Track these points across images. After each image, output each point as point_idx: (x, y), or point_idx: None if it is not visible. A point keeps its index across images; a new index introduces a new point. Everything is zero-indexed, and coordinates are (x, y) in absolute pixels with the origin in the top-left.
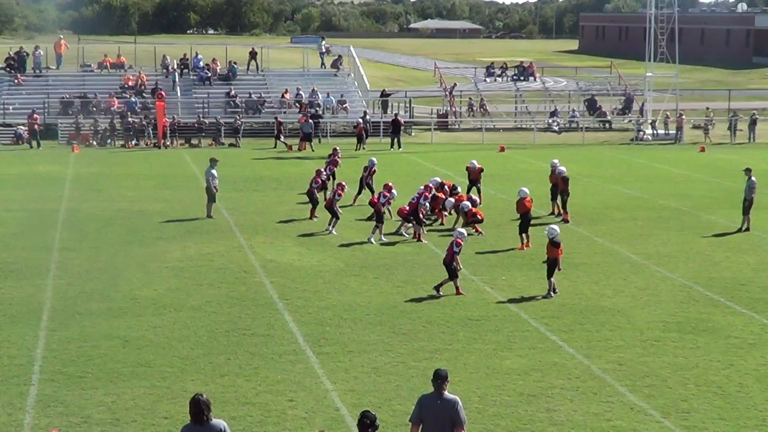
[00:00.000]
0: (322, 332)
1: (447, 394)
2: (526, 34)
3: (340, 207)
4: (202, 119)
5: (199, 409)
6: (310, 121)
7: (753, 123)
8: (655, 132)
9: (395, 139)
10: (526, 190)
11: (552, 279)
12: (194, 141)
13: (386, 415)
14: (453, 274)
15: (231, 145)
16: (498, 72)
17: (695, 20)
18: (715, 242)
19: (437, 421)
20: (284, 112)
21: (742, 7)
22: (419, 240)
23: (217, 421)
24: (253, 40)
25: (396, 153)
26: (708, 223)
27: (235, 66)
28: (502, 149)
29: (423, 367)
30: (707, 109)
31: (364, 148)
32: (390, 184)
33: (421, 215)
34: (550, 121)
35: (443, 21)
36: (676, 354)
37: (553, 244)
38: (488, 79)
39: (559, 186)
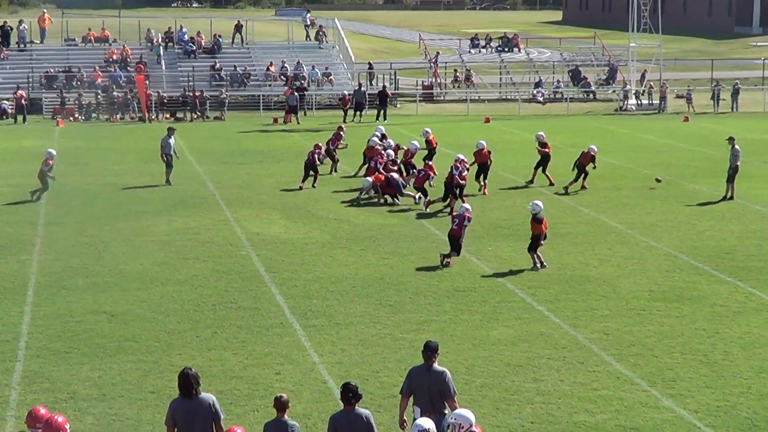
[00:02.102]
0: (308, 305)
1: (436, 366)
2: (510, 6)
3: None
4: (187, 93)
5: (188, 382)
6: (296, 93)
7: (736, 92)
8: (638, 102)
9: (381, 111)
10: (483, 142)
11: (535, 253)
12: (180, 115)
13: (374, 387)
14: (459, 248)
15: (216, 118)
16: (482, 43)
17: None
18: (699, 211)
19: (427, 392)
20: (269, 85)
21: None
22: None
23: (205, 395)
24: (237, 13)
25: (382, 124)
26: (692, 192)
27: (220, 39)
28: (487, 120)
29: (410, 339)
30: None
31: (360, 120)
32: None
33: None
34: (535, 92)
35: None
36: (662, 323)
37: (536, 221)
38: (473, 51)
39: (584, 162)
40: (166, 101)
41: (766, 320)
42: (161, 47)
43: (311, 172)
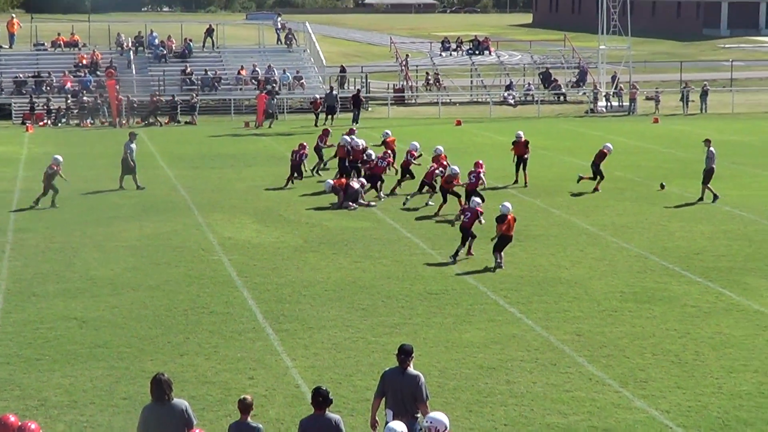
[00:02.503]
0: (281, 309)
1: (410, 369)
2: (481, 9)
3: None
4: (157, 97)
5: (160, 388)
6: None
7: (704, 94)
8: (609, 104)
9: (356, 113)
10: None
11: (499, 253)
12: (151, 119)
13: (347, 390)
14: (473, 236)
15: (187, 122)
16: (453, 46)
17: None
18: (670, 212)
19: (399, 395)
20: (240, 89)
21: None
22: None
23: (178, 401)
24: (208, 17)
25: (354, 127)
26: (662, 194)
27: (191, 43)
28: (459, 123)
29: (383, 342)
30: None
31: (332, 123)
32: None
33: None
34: (506, 94)
35: None
36: (633, 324)
37: (498, 220)
38: (444, 54)
39: (598, 161)
40: (136, 106)
41: (737, 320)
42: (131, 52)
43: (296, 174)
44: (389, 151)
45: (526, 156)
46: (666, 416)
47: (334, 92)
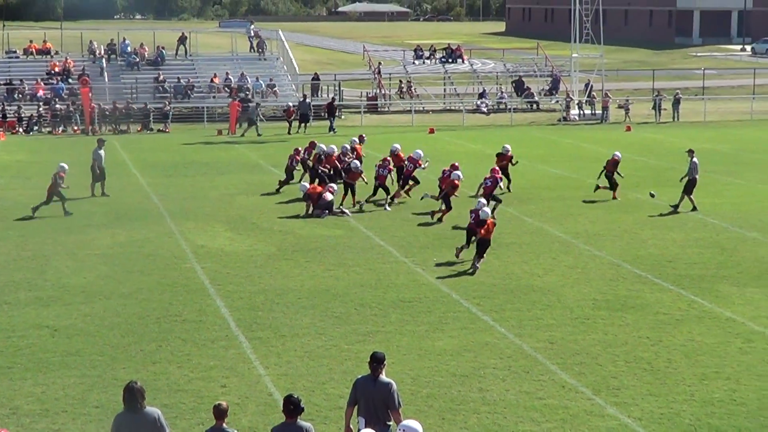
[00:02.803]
0: (254, 317)
1: (383, 377)
2: (454, 17)
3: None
4: (130, 105)
5: (133, 396)
6: (249, 105)
7: (676, 102)
8: (581, 112)
9: (330, 122)
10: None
11: (477, 257)
12: (123, 127)
13: (320, 398)
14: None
15: (160, 130)
16: (426, 54)
17: (619, 1)
18: (642, 220)
19: (371, 403)
20: (213, 97)
21: None
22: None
23: (151, 409)
24: (181, 24)
25: (330, 135)
26: (635, 202)
27: (163, 51)
28: (432, 131)
29: (356, 350)
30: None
31: (305, 132)
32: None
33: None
34: (479, 102)
35: (371, 4)
36: (606, 331)
37: (478, 224)
38: (417, 62)
39: (610, 169)
40: (108, 113)
41: (709, 328)
42: (104, 59)
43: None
44: (389, 159)
45: (507, 169)
46: (638, 423)
47: (308, 100)
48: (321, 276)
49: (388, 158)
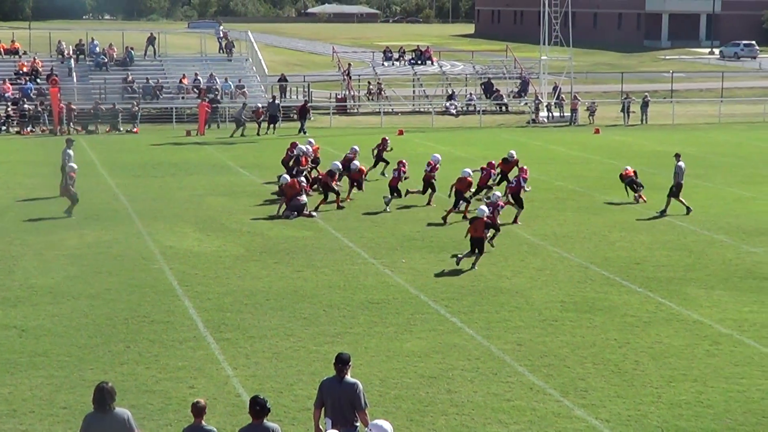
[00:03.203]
0: (222, 318)
1: (348, 377)
2: (423, 19)
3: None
4: (99, 105)
5: (103, 397)
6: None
7: (645, 105)
8: (550, 114)
9: (302, 124)
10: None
11: (474, 255)
12: (91, 127)
13: (288, 400)
14: (498, 228)
15: (128, 131)
16: (396, 56)
17: (588, 4)
18: (611, 222)
19: (338, 404)
20: (182, 98)
21: None
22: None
23: (120, 410)
24: (150, 25)
25: (302, 137)
26: (603, 204)
27: (132, 51)
28: (401, 133)
29: (324, 352)
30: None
31: (274, 132)
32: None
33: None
34: (448, 104)
35: (340, 5)
36: (574, 333)
37: (470, 221)
38: (386, 64)
39: (626, 176)
40: (76, 114)
41: (676, 330)
42: (72, 59)
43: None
44: (404, 161)
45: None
46: (606, 425)
47: (277, 101)
48: (289, 277)
49: (404, 161)
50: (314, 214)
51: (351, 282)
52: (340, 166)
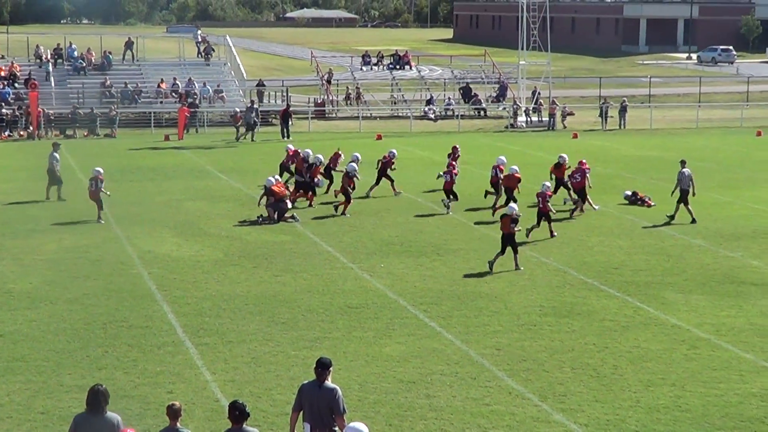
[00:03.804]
0: (201, 323)
1: (328, 382)
2: (402, 23)
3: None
4: (76, 110)
5: (97, 399)
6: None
7: (623, 110)
8: (528, 119)
9: (284, 128)
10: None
11: (516, 254)
12: (69, 132)
13: (266, 404)
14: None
15: (107, 135)
16: (374, 61)
17: (566, 9)
18: (589, 227)
19: (316, 408)
20: (161, 102)
21: None
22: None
23: (111, 415)
24: (128, 29)
25: (284, 141)
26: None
27: (110, 56)
28: (379, 137)
29: (303, 356)
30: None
31: (253, 139)
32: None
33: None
34: (426, 109)
35: (319, 10)
36: (553, 338)
37: (513, 221)
38: (364, 68)
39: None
40: (53, 118)
41: (654, 334)
42: (50, 64)
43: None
44: (454, 162)
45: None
46: (584, 430)
47: (255, 106)
48: (268, 282)
49: (454, 163)
50: (292, 219)
51: (330, 286)
52: (321, 162)
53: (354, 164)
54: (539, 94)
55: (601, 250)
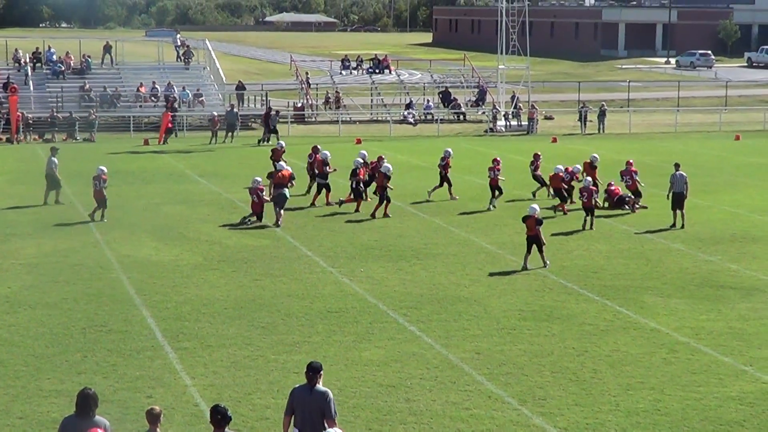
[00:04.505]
0: (180, 327)
1: (319, 386)
2: (381, 27)
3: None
4: (55, 114)
5: (86, 403)
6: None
7: (602, 114)
8: (508, 123)
9: (267, 132)
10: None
11: (541, 253)
12: (48, 136)
13: (246, 409)
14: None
15: (86, 139)
16: (353, 65)
17: (545, 13)
18: (568, 231)
19: (308, 412)
20: (140, 106)
21: (590, 1)
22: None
23: (100, 419)
24: (107, 33)
25: (264, 145)
26: (559, 213)
27: (89, 60)
28: (359, 141)
29: (282, 361)
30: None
31: (232, 141)
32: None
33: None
34: (406, 113)
35: (298, 14)
36: (532, 342)
37: (523, 220)
38: (344, 72)
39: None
40: (32, 122)
41: (633, 338)
42: (29, 67)
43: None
44: (498, 159)
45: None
46: None
47: (235, 110)
48: (247, 286)
49: (498, 158)
50: (276, 224)
51: (309, 291)
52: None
53: (389, 165)
54: (518, 98)
55: (581, 254)
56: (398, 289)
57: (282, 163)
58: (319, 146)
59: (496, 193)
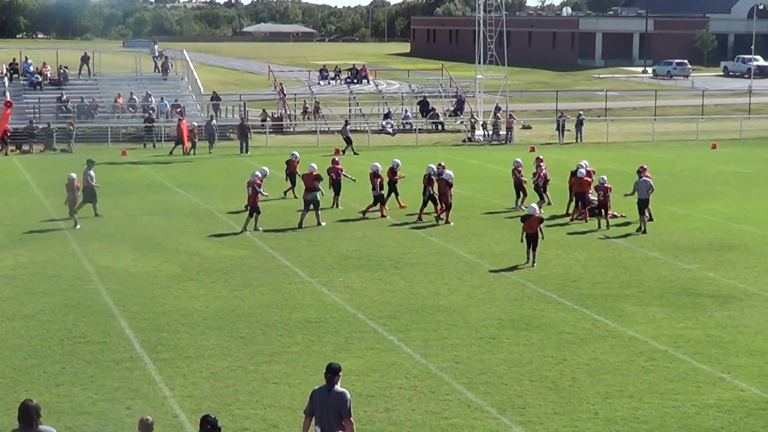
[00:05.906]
0: (159, 338)
1: (337, 387)
2: (359, 38)
3: None
4: (33, 125)
5: (28, 414)
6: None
7: (579, 123)
8: (486, 133)
9: (243, 143)
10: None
11: (535, 252)
12: (25, 147)
13: (226, 420)
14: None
15: (63, 150)
16: (332, 75)
17: (523, 23)
18: (547, 240)
19: (326, 412)
20: (118, 117)
21: (567, 11)
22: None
23: (46, 428)
24: (84, 44)
25: (243, 156)
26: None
27: (67, 71)
28: (337, 152)
29: (262, 371)
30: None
31: (210, 152)
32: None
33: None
34: (384, 123)
35: (276, 24)
36: (511, 351)
37: (522, 219)
38: (322, 82)
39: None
40: (10, 133)
41: (612, 346)
42: (6, 78)
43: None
44: (542, 164)
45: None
46: None
47: (213, 121)
48: (226, 297)
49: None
50: (259, 228)
51: (288, 301)
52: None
53: (450, 171)
54: (499, 109)
55: (559, 263)
56: (377, 299)
57: (313, 164)
58: (396, 161)
59: (521, 194)
